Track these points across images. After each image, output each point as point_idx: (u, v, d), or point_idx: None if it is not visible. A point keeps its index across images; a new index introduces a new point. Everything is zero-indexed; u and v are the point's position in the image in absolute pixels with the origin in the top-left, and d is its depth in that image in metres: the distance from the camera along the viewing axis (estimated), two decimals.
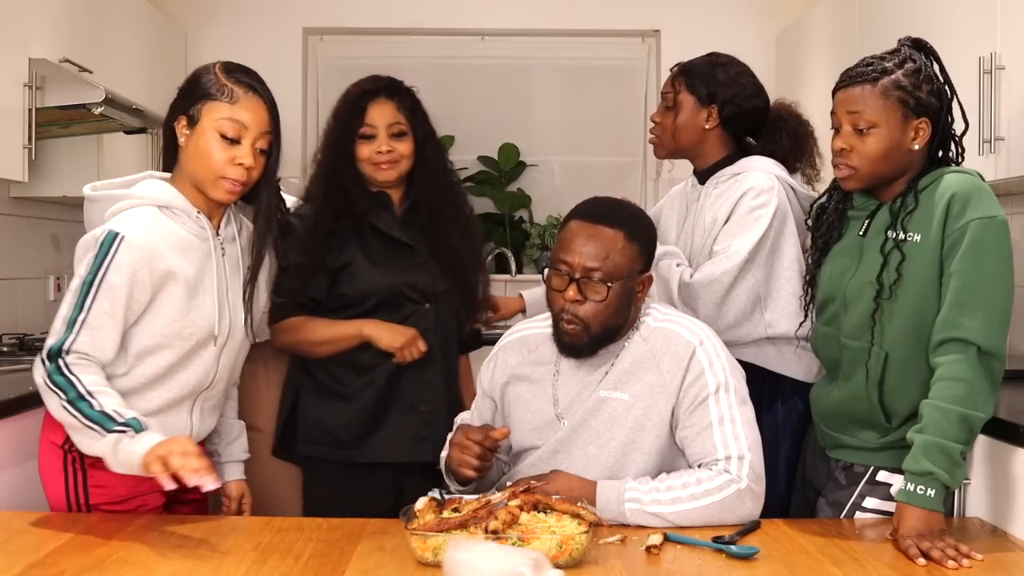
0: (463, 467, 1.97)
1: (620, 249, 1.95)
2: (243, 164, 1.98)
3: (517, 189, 5.00)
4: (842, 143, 1.94)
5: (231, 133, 1.98)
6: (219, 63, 2.05)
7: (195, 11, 4.85)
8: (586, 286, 1.95)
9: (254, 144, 2.00)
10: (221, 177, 1.98)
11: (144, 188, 2.02)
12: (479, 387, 2.19)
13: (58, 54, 3.29)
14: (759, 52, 4.86)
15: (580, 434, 2.00)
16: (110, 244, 1.91)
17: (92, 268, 1.91)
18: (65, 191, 3.69)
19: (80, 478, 2.00)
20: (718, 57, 2.48)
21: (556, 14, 4.91)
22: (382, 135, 2.46)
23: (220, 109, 1.98)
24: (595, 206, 2.04)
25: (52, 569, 1.63)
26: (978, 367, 1.81)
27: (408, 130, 2.48)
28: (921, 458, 1.77)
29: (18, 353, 3.17)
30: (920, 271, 1.89)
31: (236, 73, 2.02)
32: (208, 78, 2.01)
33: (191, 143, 2.00)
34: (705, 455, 1.93)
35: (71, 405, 1.85)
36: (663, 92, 2.48)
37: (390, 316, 2.46)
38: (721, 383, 1.96)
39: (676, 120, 2.43)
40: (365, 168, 2.48)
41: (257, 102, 2.00)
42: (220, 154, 1.97)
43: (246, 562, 1.68)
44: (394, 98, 2.49)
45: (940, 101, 1.94)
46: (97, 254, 1.92)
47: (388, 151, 2.45)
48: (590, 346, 1.99)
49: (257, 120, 2.00)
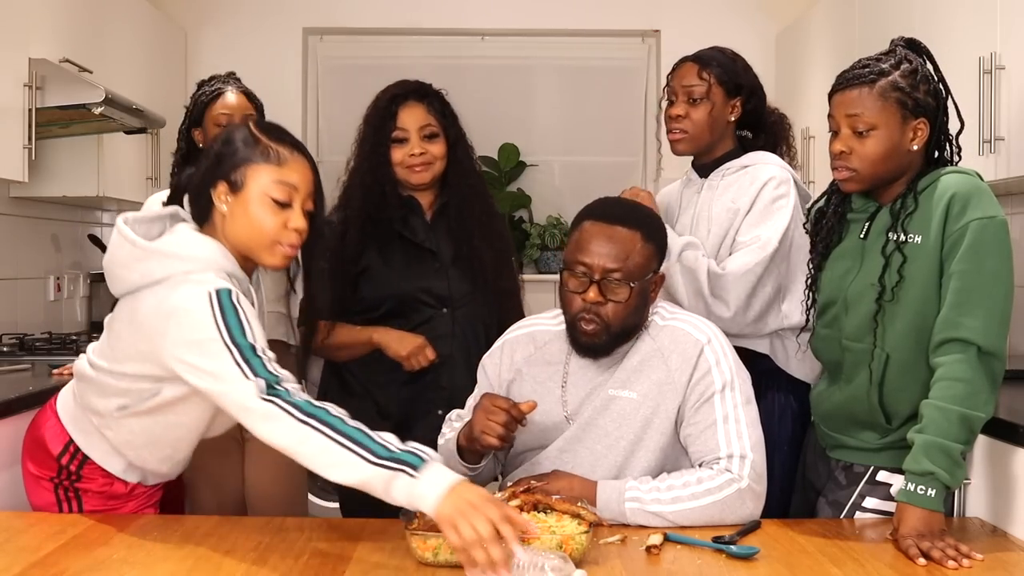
0: (487, 433, 1.91)
1: (639, 249, 1.95)
2: (296, 229, 1.86)
3: (517, 189, 5.00)
4: (841, 146, 1.94)
5: (282, 197, 1.85)
6: (250, 121, 1.95)
7: (195, 11, 4.85)
8: (607, 287, 1.94)
9: (303, 206, 1.88)
10: (275, 243, 1.86)
11: (206, 252, 1.85)
12: (482, 377, 2.17)
13: (58, 54, 3.29)
14: (759, 52, 4.84)
15: (588, 433, 2.00)
16: (229, 300, 1.76)
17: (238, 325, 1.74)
18: (65, 191, 3.69)
19: (75, 507, 1.98)
20: (725, 49, 2.47)
21: (556, 14, 4.91)
22: (414, 138, 2.49)
23: (268, 172, 1.85)
24: (609, 207, 2.03)
25: (52, 569, 1.63)
26: (978, 367, 1.81)
27: (440, 131, 2.51)
28: (922, 458, 1.77)
29: (18, 353, 3.17)
30: (921, 272, 1.89)
31: (275, 132, 1.91)
32: (247, 140, 1.88)
33: (237, 210, 1.86)
34: (707, 453, 1.93)
35: (328, 427, 1.63)
36: (687, 85, 2.40)
37: (405, 321, 2.48)
38: (727, 381, 1.96)
39: (711, 112, 2.39)
40: (399, 172, 2.51)
41: (303, 162, 1.89)
42: (272, 219, 1.85)
43: (246, 562, 1.68)
44: (424, 101, 2.52)
45: (937, 101, 1.94)
46: (231, 313, 1.75)
47: (421, 153, 2.49)
48: (608, 345, 1.98)
49: (305, 180, 1.88)
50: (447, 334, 2.48)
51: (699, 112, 2.40)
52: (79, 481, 1.98)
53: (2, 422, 2.24)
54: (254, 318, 1.79)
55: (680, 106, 2.41)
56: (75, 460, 1.97)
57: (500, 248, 2.58)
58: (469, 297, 2.52)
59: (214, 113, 2.65)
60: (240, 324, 1.74)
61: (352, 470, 1.62)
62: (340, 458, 1.63)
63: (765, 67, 4.79)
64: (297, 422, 1.65)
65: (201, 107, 2.68)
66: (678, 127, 2.42)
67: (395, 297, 2.48)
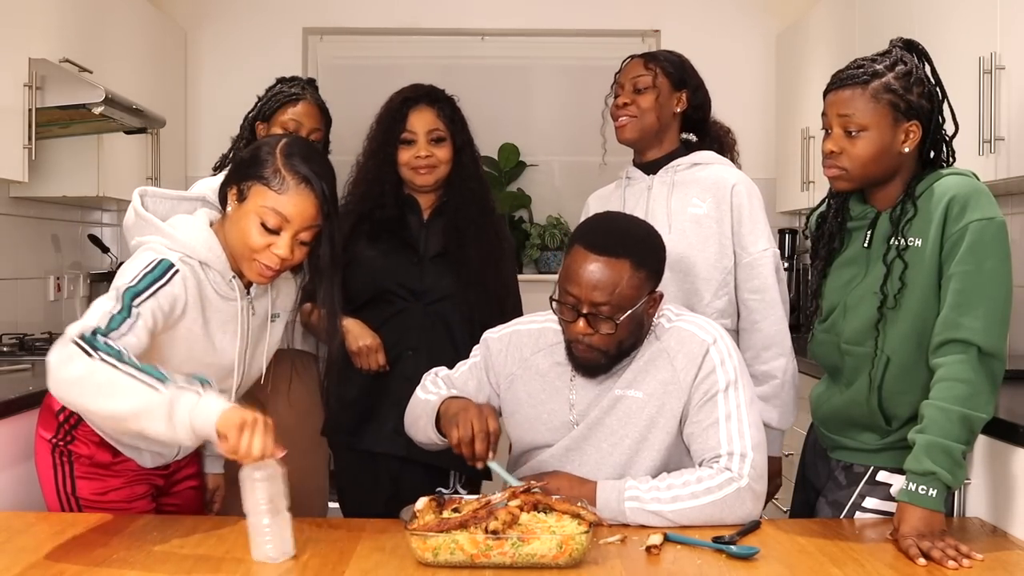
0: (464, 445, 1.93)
1: (627, 280, 1.93)
2: (279, 256, 1.91)
3: (517, 189, 5.00)
4: (832, 145, 1.94)
5: (272, 224, 1.89)
6: (286, 141, 1.97)
7: (195, 11, 4.85)
8: (595, 320, 1.94)
9: (295, 236, 1.91)
10: (254, 259, 1.92)
11: (186, 235, 1.94)
12: (484, 351, 2.16)
13: (58, 54, 3.29)
14: (759, 52, 4.88)
15: (594, 432, 2.01)
16: (164, 272, 1.87)
17: (145, 282, 1.85)
18: (65, 191, 3.70)
19: (67, 471, 2.03)
20: (673, 52, 2.56)
21: (556, 14, 4.91)
22: (421, 140, 2.56)
23: (266, 196, 1.89)
24: (600, 233, 1.99)
25: (52, 569, 1.63)
26: (979, 368, 1.81)
27: (447, 136, 2.58)
28: (923, 458, 1.77)
29: (18, 353, 3.17)
30: (921, 275, 1.89)
31: (296, 159, 1.92)
32: (267, 158, 1.92)
33: (235, 216, 1.93)
34: (709, 450, 1.93)
35: (113, 358, 1.72)
36: (635, 76, 2.46)
37: (379, 312, 2.55)
38: (731, 381, 1.96)
39: (658, 99, 2.44)
40: (405, 172, 2.58)
41: (307, 196, 1.90)
42: (258, 239, 1.90)
43: (246, 562, 1.68)
44: (435, 105, 2.59)
45: (931, 103, 1.93)
46: (151, 273, 1.87)
47: (427, 156, 2.55)
48: (607, 365, 2.00)
49: (302, 216, 1.90)
50: (415, 327, 2.55)
51: (645, 99, 2.45)
52: (72, 443, 2.03)
53: (2, 422, 2.24)
54: (165, 301, 1.86)
55: (627, 95, 2.47)
56: (70, 419, 2.03)
57: (491, 249, 2.61)
58: (445, 292, 2.56)
59: (284, 117, 2.69)
60: (145, 290, 1.83)
61: (138, 396, 1.70)
62: (126, 386, 1.70)
63: (765, 67, 4.85)
64: (91, 359, 1.72)
65: (274, 106, 2.71)
66: (624, 113, 2.47)
67: (371, 289, 2.56)
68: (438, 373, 2.21)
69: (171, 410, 1.70)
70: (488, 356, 2.15)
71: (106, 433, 2.03)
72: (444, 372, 2.21)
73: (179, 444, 1.85)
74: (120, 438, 2.03)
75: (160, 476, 2.13)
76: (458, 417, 1.96)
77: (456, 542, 1.63)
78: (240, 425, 1.68)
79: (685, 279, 2.39)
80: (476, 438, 1.92)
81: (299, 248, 1.94)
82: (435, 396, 2.10)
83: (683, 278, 2.38)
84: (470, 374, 2.17)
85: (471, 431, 1.92)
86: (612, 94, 2.53)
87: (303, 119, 2.69)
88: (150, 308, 1.84)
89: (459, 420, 1.95)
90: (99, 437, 2.03)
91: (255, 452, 1.67)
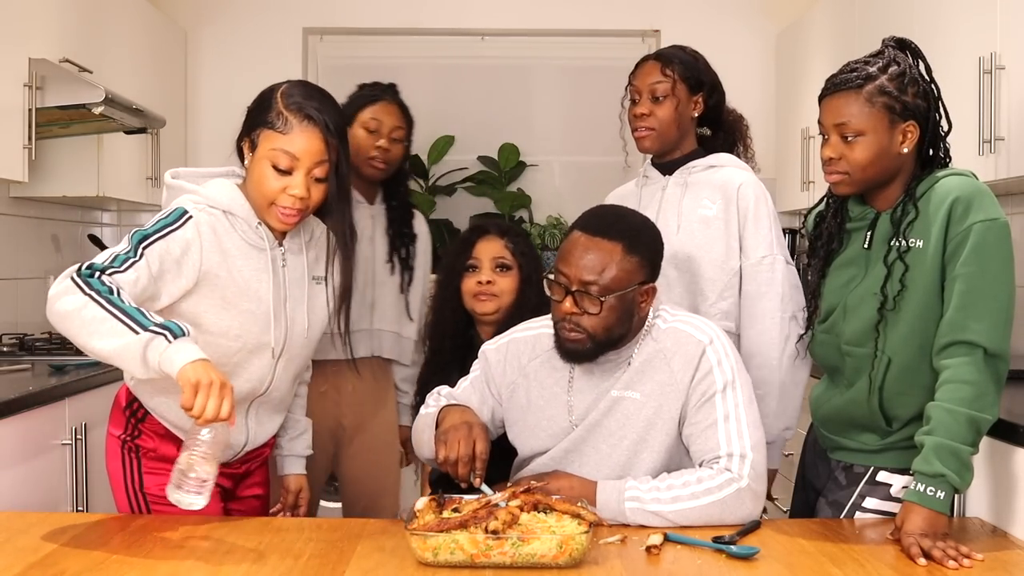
0: (448, 465, 1.92)
1: (618, 262, 1.94)
2: (295, 195, 1.95)
3: (517, 189, 5.00)
4: (831, 152, 1.93)
5: (283, 164, 1.94)
6: (286, 84, 2.01)
7: (195, 11, 4.85)
8: (581, 299, 1.94)
9: (309, 174, 1.95)
10: (273, 204, 1.96)
11: (211, 189, 1.99)
12: (483, 363, 2.16)
13: (58, 54, 3.29)
14: (759, 52, 4.88)
15: (593, 434, 2.01)
16: (178, 218, 1.92)
17: (157, 227, 1.91)
18: (65, 191, 3.70)
19: (135, 466, 2.04)
20: (686, 48, 2.50)
21: (556, 14, 4.91)
22: (486, 267, 2.52)
23: (273, 139, 1.95)
24: (597, 217, 2.02)
25: (52, 569, 1.63)
26: (985, 369, 1.81)
27: (513, 266, 2.52)
28: (933, 459, 1.77)
29: (18, 353, 3.17)
30: (922, 276, 1.89)
31: (295, 98, 1.97)
32: (270, 102, 1.98)
33: (251, 167, 1.99)
34: (708, 451, 1.93)
35: (103, 298, 1.76)
36: (652, 83, 2.42)
37: None
38: (729, 381, 1.96)
39: (677, 108, 2.42)
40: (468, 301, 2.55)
41: (311, 131, 1.94)
42: (273, 183, 1.95)
43: (246, 562, 1.68)
44: (504, 237, 2.56)
45: (928, 102, 1.93)
46: (165, 219, 1.92)
47: (488, 282, 2.51)
48: (592, 352, 1.98)
49: (310, 152, 1.94)
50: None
51: (664, 109, 2.42)
52: (139, 437, 2.04)
53: (2, 422, 2.24)
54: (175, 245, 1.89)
55: (645, 104, 2.44)
56: (136, 413, 2.05)
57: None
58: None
59: (365, 116, 2.75)
60: (155, 233, 1.88)
61: (118, 337, 1.75)
62: (109, 326, 1.75)
63: (765, 67, 4.85)
64: (82, 295, 1.77)
65: (356, 106, 2.77)
66: (644, 125, 2.45)
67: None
68: (440, 391, 2.20)
69: (145, 352, 1.74)
70: (487, 368, 2.15)
71: (170, 422, 2.02)
72: (446, 390, 2.20)
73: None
74: (182, 424, 1.99)
75: (227, 477, 2.10)
76: (447, 435, 1.95)
77: (456, 542, 1.63)
78: (196, 384, 1.71)
79: (691, 279, 2.38)
80: (459, 462, 1.91)
81: (315, 186, 1.97)
82: (435, 408, 2.11)
83: (689, 278, 2.38)
84: (472, 388, 2.16)
85: (456, 454, 1.92)
86: (627, 96, 2.50)
87: (383, 116, 2.75)
88: (157, 251, 1.87)
89: (448, 438, 1.94)
90: (164, 429, 2.03)
91: (208, 414, 1.70)
